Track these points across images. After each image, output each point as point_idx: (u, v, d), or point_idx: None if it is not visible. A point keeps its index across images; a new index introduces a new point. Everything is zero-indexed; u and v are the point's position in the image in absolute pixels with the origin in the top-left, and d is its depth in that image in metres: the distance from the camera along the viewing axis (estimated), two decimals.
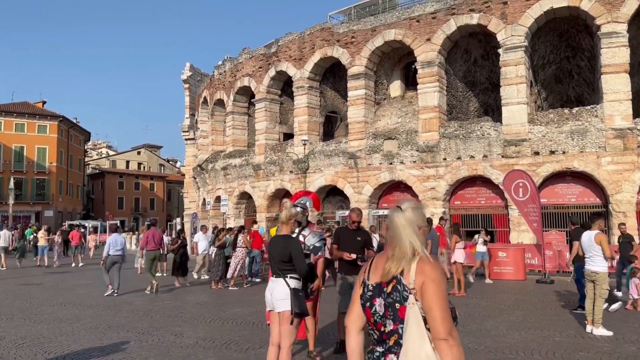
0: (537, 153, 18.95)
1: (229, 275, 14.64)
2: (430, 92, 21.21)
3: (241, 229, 15.75)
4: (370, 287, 2.36)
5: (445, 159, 20.80)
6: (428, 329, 2.20)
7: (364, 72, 23.13)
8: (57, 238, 24.01)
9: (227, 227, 18.50)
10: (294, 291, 4.94)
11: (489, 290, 13.38)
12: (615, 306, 10.14)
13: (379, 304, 2.31)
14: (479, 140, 19.98)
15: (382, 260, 2.41)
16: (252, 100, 28.68)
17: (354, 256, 6.66)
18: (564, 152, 18.51)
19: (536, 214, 16.11)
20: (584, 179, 18.80)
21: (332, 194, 24.85)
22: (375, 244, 16.83)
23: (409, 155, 21.64)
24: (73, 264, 22.51)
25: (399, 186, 22.74)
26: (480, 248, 15.13)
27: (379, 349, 2.33)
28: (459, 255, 13.04)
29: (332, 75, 26.26)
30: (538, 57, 21.50)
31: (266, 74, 26.96)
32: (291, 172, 25.37)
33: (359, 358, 2.42)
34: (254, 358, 6.67)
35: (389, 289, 2.28)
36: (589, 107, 18.81)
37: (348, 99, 23.88)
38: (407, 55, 23.50)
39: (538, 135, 18.88)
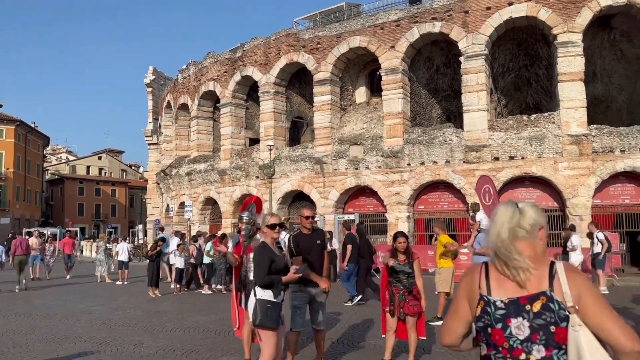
0: (497, 158, 19.43)
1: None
2: (395, 99, 21.49)
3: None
4: (501, 304, 1.93)
5: (409, 164, 21.09)
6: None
7: (330, 78, 23.26)
8: (50, 246, 20.92)
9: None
10: (259, 302, 4.75)
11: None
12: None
13: (517, 325, 1.89)
14: (441, 146, 20.35)
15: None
16: (217, 105, 28.43)
17: (326, 285, 5.67)
18: (522, 158, 19.04)
19: None
20: (542, 183, 19.38)
21: (299, 199, 24.81)
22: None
23: (374, 160, 21.84)
24: (67, 276, 20.02)
25: (364, 191, 22.94)
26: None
27: None
28: None
29: (298, 80, 26.30)
30: (498, 65, 22.09)
31: (231, 79, 26.77)
32: (257, 177, 25.22)
33: None
34: None
35: (537, 307, 1.88)
36: (546, 114, 19.44)
37: (314, 104, 23.95)
38: (372, 62, 23.77)
39: (498, 141, 19.36)
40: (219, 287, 14.99)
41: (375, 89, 24.97)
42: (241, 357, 6.62)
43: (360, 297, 11.87)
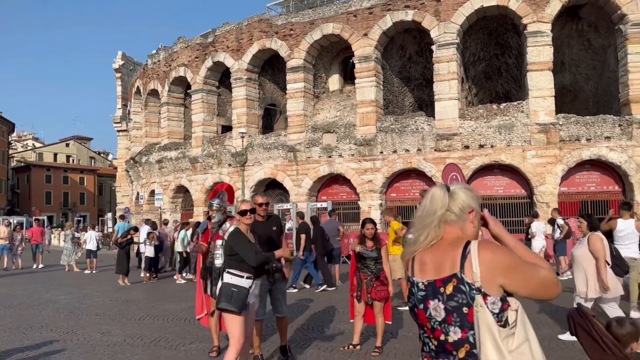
0: (467, 147, 19.69)
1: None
2: (368, 87, 21.51)
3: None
4: (421, 286, 1.96)
5: (382, 152, 21.20)
6: (514, 324, 1.86)
7: (303, 65, 23.12)
8: (17, 235, 20.17)
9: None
10: (224, 285, 4.71)
11: None
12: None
13: (434, 307, 1.91)
14: (413, 134, 20.51)
15: (429, 252, 2.00)
16: (188, 91, 27.97)
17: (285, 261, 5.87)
18: (492, 146, 19.34)
19: None
20: (510, 171, 19.74)
21: (272, 187, 24.73)
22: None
23: (347, 148, 21.88)
24: (34, 265, 19.67)
25: (337, 179, 22.99)
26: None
27: None
28: None
29: (270, 67, 26.06)
30: (469, 54, 22.31)
31: (203, 64, 26.35)
32: (230, 165, 25.00)
33: None
34: (184, 354, 6.52)
35: (449, 290, 1.87)
36: (515, 103, 19.74)
37: (287, 91, 23.80)
38: (345, 50, 23.71)
39: (468, 129, 19.61)
40: (189, 275, 14.87)
41: (349, 76, 24.94)
42: (210, 344, 6.60)
43: (325, 285, 12.17)
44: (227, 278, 4.74)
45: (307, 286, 12.31)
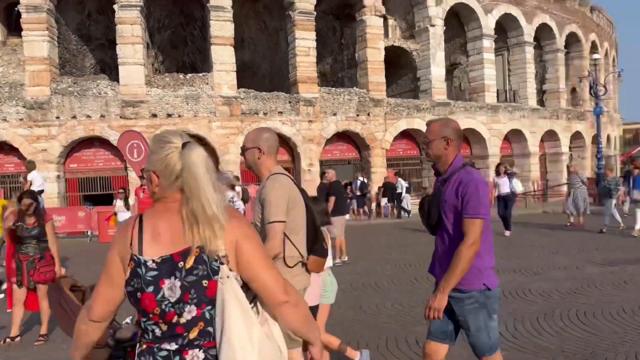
0: (155, 115, 19.37)
1: None
2: (39, 42, 18.77)
3: None
4: (153, 265, 1.61)
5: (58, 117, 18.97)
6: (252, 304, 1.67)
7: None
8: None
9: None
10: None
11: None
12: None
13: (169, 286, 1.60)
14: (95, 99, 19.00)
15: (164, 222, 1.66)
16: None
17: None
18: (180, 116, 19.53)
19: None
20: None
21: None
22: None
23: (14, 111, 18.79)
24: None
25: (2, 148, 19.60)
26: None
27: (169, 346, 1.62)
28: None
29: None
30: (154, 20, 21.81)
31: None
32: None
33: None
34: None
35: (190, 263, 1.61)
36: (201, 74, 20.34)
37: None
38: None
39: (156, 97, 19.28)
40: None
41: (14, 27, 21.28)
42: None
43: None
44: None
45: None
